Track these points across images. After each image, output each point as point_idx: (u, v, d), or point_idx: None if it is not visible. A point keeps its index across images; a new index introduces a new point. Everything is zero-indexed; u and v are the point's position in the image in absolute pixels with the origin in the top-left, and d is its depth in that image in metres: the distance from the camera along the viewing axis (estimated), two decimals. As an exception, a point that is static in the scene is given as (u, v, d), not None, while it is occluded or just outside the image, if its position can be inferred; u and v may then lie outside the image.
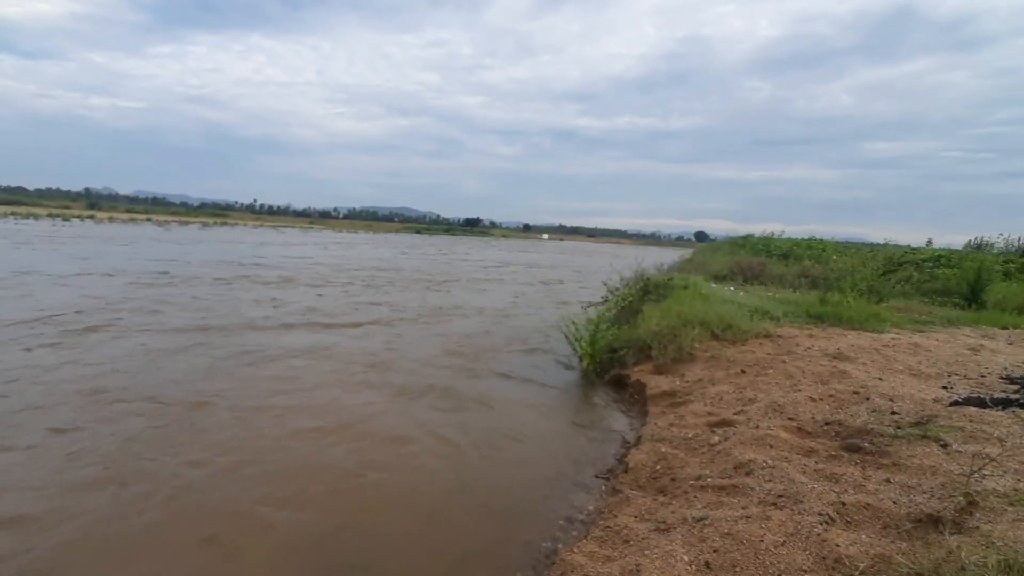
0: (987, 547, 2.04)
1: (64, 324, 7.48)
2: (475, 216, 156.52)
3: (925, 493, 2.58)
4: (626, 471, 3.70)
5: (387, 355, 7.18)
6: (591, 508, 3.48)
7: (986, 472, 2.63)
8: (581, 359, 7.10)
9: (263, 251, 24.95)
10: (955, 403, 3.79)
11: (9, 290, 9.85)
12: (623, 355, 6.74)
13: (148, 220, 53.99)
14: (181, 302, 9.88)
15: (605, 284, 9.65)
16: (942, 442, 3.11)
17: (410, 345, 7.84)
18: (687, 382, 5.42)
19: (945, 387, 4.44)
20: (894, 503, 2.53)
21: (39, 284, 10.75)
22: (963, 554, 2.00)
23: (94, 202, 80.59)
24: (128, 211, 67.40)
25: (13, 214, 44.49)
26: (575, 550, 2.70)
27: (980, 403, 3.73)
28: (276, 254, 23.89)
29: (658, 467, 3.58)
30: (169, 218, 61.07)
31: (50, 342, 6.57)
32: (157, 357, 6.28)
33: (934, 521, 2.33)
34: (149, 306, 9.24)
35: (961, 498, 2.40)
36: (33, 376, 5.33)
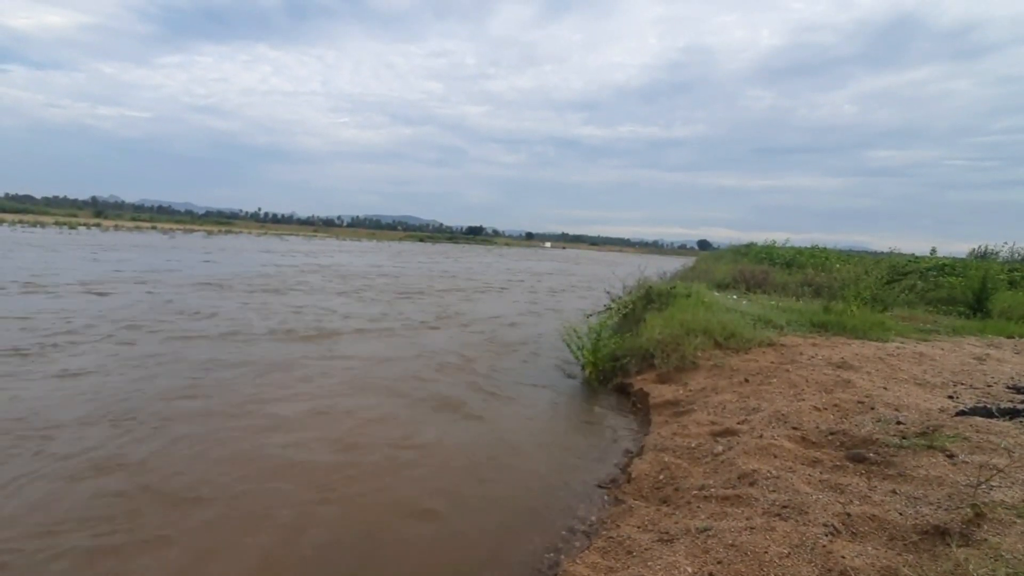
0: (995, 560, 2.01)
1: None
2: (478, 224, 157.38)
3: (932, 504, 2.55)
4: (629, 481, 3.67)
5: (394, 360, 7.17)
6: (593, 518, 3.45)
7: (994, 483, 2.60)
8: (583, 367, 7.07)
9: (316, 260, 25.94)
10: (961, 413, 3.76)
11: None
12: (626, 363, 6.71)
13: (153, 228, 54.32)
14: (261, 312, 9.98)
15: (608, 292, 9.65)
16: (948, 452, 3.08)
17: (423, 349, 7.84)
18: (690, 391, 5.39)
19: (951, 397, 4.40)
20: (900, 514, 2.50)
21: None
22: (971, 567, 1.97)
23: (100, 210, 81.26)
24: (133, 219, 67.83)
25: (20, 222, 44.82)
26: (577, 561, 2.67)
27: (987, 413, 3.69)
28: (330, 263, 25.04)
29: (661, 477, 3.55)
30: (174, 226, 61.44)
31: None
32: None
33: (941, 533, 2.30)
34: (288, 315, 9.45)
35: (968, 510, 2.37)
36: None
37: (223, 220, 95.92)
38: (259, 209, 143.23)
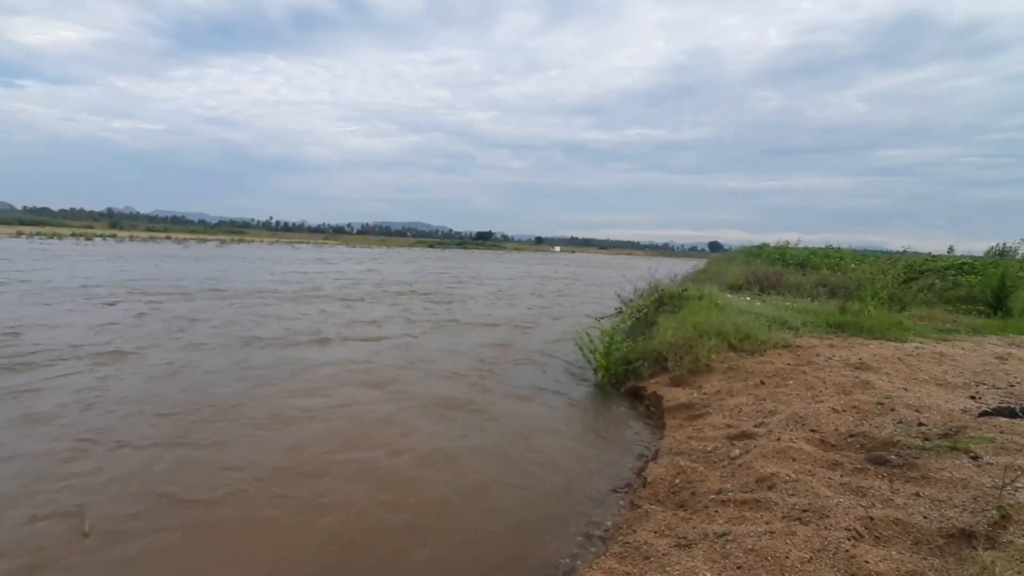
0: (1022, 562, 1.96)
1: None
2: (487, 230, 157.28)
3: (956, 507, 2.50)
4: (644, 485, 3.64)
5: (407, 365, 7.19)
6: (609, 523, 3.42)
7: (1019, 484, 2.54)
8: (596, 371, 7.04)
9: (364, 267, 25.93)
10: (984, 413, 3.69)
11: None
12: (638, 367, 6.67)
13: (167, 238, 55.14)
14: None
15: (619, 296, 9.61)
16: (972, 454, 3.02)
17: (437, 353, 7.85)
18: (704, 394, 5.34)
19: (973, 397, 4.32)
20: (924, 518, 2.45)
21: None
22: (998, 570, 1.93)
23: (115, 221, 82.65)
24: (148, 229, 68.93)
25: (38, 234, 45.66)
26: (594, 567, 2.65)
27: (1010, 413, 3.62)
28: (385, 270, 24.94)
29: (677, 481, 3.52)
30: (187, 236, 62.31)
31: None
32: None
33: (967, 536, 2.25)
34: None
35: (994, 512, 2.32)
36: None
37: (235, 229, 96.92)
38: (271, 218, 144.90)
